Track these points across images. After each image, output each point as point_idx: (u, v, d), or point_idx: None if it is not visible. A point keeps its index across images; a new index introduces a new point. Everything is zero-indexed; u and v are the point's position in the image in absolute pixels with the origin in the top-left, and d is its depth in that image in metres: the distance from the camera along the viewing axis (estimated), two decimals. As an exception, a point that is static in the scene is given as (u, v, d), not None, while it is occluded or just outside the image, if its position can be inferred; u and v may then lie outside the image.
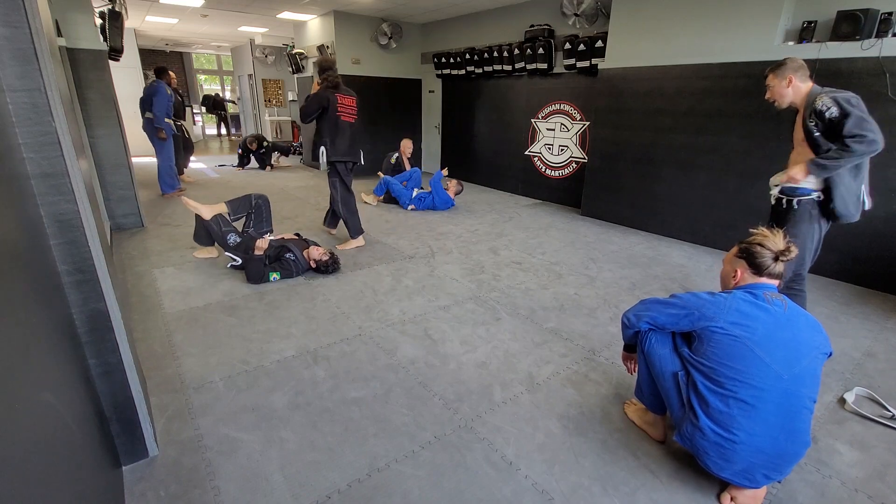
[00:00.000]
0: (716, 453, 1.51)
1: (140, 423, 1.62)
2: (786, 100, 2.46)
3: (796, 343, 1.47)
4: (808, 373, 1.47)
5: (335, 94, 3.91)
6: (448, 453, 1.77)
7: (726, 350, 1.48)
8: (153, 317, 2.80)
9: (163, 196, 5.94)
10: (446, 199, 5.69)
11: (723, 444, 1.48)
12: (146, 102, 5.66)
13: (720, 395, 1.49)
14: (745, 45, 3.88)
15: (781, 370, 1.44)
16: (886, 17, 3.20)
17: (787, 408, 1.45)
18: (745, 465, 1.49)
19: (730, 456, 1.49)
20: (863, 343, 2.70)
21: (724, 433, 1.48)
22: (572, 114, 5.85)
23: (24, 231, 1.07)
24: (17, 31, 1.15)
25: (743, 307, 1.51)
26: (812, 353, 1.48)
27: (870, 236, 3.47)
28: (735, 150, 4.09)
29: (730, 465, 1.50)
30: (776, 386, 1.44)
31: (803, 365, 1.46)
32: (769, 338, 1.46)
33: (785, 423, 1.45)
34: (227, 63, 14.58)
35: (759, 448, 1.46)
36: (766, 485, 1.55)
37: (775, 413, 1.45)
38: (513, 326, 2.79)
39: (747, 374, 1.45)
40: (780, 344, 1.46)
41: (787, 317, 1.50)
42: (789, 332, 1.48)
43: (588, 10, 5.15)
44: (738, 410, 1.46)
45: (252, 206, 3.69)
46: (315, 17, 7.56)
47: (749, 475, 1.50)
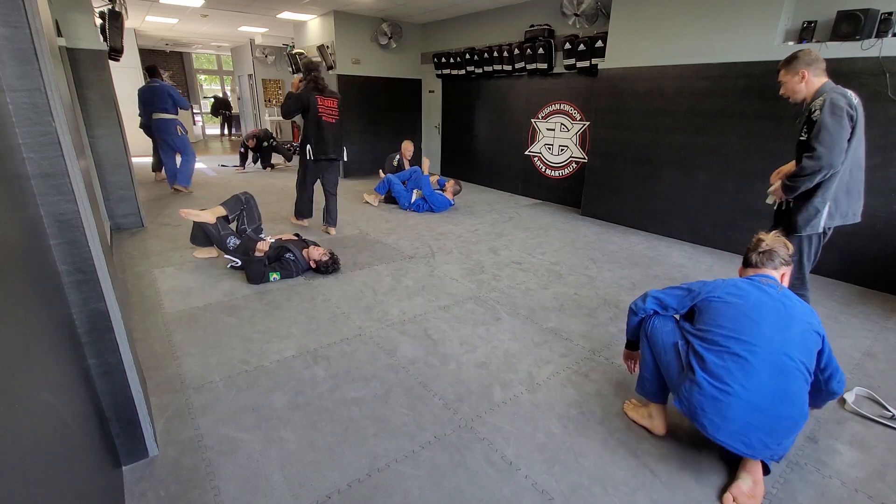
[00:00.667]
0: (712, 409, 1.54)
1: (140, 423, 1.62)
2: (800, 95, 2.36)
3: (787, 314, 1.58)
4: (799, 340, 1.56)
5: (316, 96, 4.15)
6: (448, 453, 1.77)
7: (722, 313, 1.63)
8: (153, 317, 2.80)
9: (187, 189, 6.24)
10: (443, 202, 5.67)
11: (718, 396, 1.54)
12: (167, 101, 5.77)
13: (716, 352, 1.59)
14: (745, 45, 3.88)
15: (772, 333, 1.55)
16: (886, 17, 3.20)
17: (780, 367, 1.52)
18: (742, 425, 1.52)
19: (726, 411, 1.53)
20: (863, 343, 2.70)
21: (718, 384, 1.54)
22: (572, 114, 5.85)
23: (24, 231, 1.07)
24: (17, 31, 1.15)
25: (739, 283, 1.69)
26: (803, 325, 1.58)
27: (870, 236, 3.47)
28: (735, 150, 4.09)
29: (726, 423, 1.53)
30: (767, 346, 1.53)
31: (794, 331, 1.56)
32: (761, 306, 1.60)
33: (779, 382, 1.51)
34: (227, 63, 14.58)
35: (754, 404, 1.51)
36: (763, 457, 1.56)
37: (768, 371, 1.52)
38: (513, 326, 2.79)
39: (740, 331, 1.57)
40: (771, 311, 1.58)
41: (779, 296, 1.63)
42: (780, 305, 1.60)
43: (588, 10, 5.15)
44: (732, 363, 1.54)
45: (243, 203, 3.74)
46: (315, 17, 7.56)
47: (745, 438, 1.53)
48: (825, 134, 2.11)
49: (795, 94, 2.37)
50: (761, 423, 1.51)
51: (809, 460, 1.78)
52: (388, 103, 8.04)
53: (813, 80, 2.30)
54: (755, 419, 1.51)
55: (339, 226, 4.87)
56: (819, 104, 2.17)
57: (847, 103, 2.13)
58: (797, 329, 1.56)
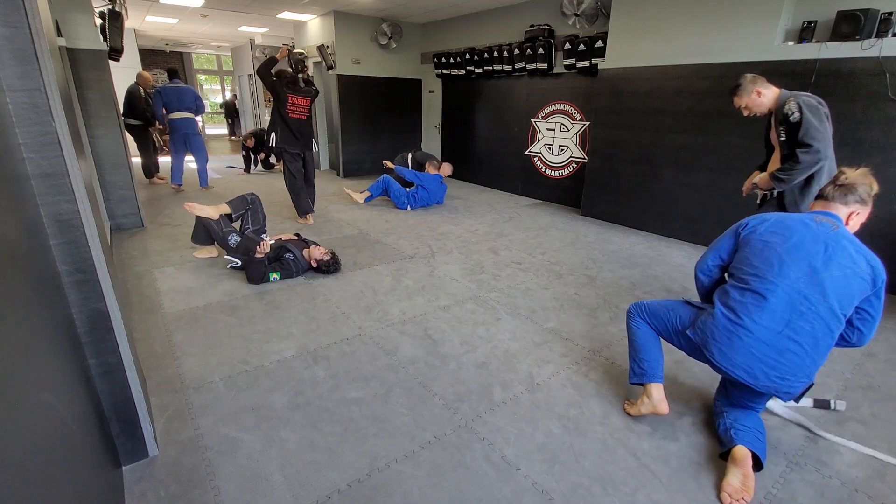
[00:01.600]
0: (722, 338, 1.66)
1: (140, 423, 1.62)
2: (763, 108, 2.60)
3: (827, 255, 1.58)
4: (834, 284, 1.55)
5: (287, 94, 4.43)
6: (448, 453, 1.77)
7: (756, 252, 1.68)
8: (153, 317, 2.80)
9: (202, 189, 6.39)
10: (434, 183, 5.69)
11: (730, 327, 1.65)
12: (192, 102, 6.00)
13: (739, 289, 1.68)
14: (745, 45, 3.88)
15: (800, 274, 1.59)
16: (886, 17, 3.20)
17: (797, 308, 1.58)
18: (747, 357, 1.63)
19: (734, 342, 1.64)
20: (863, 343, 2.70)
21: (732, 317, 1.65)
22: (572, 114, 5.85)
23: (24, 231, 1.07)
24: (17, 31, 1.15)
25: (788, 220, 1.69)
26: (844, 270, 1.56)
27: (870, 236, 3.46)
28: (735, 150, 4.09)
29: (732, 352, 1.65)
30: (789, 286, 1.59)
31: (830, 274, 1.56)
32: (798, 247, 1.61)
33: (792, 321, 1.58)
34: (227, 63, 14.58)
35: (762, 338, 1.61)
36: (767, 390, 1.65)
37: (783, 309, 1.59)
38: (513, 326, 2.79)
39: (766, 270, 1.63)
40: (809, 252, 1.60)
41: (828, 236, 1.61)
42: (823, 246, 1.59)
43: (588, 10, 5.15)
44: (751, 299, 1.64)
45: (248, 203, 3.74)
46: (315, 17, 7.56)
47: (749, 369, 1.63)
48: (814, 130, 2.35)
49: (760, 107, 2.60)
50: (766, 357, 1.61)
51: (809, 460, 1.78)
52: (388, 103, 8.03)
53: (767, 91, 2.56)
54: (760, 352, 1.61)
55: (338, 225, 4.88)
56: (793, 107, 2.39)
57: (817, 102, 2.42)
58: (835, 273, 1.55)
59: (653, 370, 1.91)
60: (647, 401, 1.91)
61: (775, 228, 1.69)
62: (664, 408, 1.89)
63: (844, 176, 1.71)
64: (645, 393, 1.93)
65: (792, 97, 2.45)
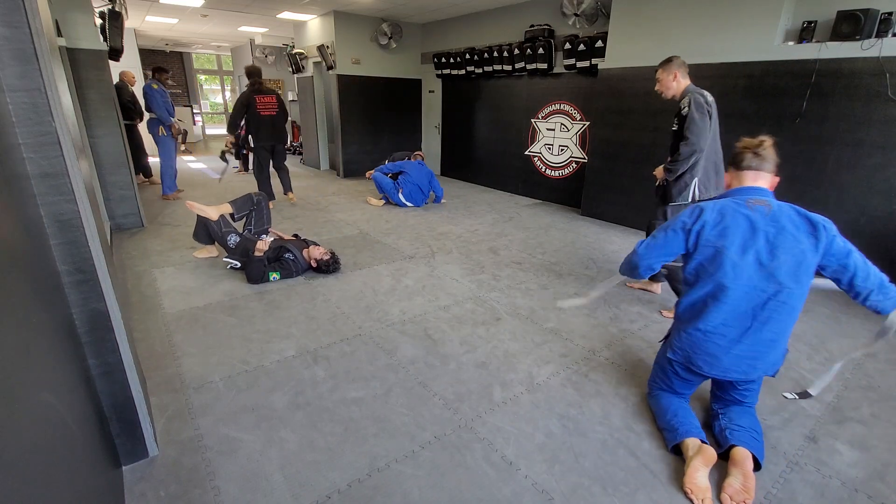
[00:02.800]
0: (701, 350, 1.74)
1: (140, 423, 1.62)
2: (671, 92, 2.87)
3: (772, 247, 1.62)
4: (786, 270, 1.61)
5: (254, 96, 5.17)
6: (448, 453, 1.77)
7: (710, 259, 1.69)
8: (153, 317, 2.80)
9: (161, 197, 5.87)
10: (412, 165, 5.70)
11: (703, 338, 1.72)
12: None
13: (700, 298, 1.73)
14: (745, 45, 3.88)
15: (751, 272, 1.63)
16: (886, 17, 3.20)
17: (758, 300, 1.64)
18: (731, 359, 1.70)
19: (714, 350, 1.71)
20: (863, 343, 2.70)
21: (701, 326, 1.72)
22: (572, 114, 5.85)
23: (24, 231, 1.07)
24: (17, 31, 1.15)
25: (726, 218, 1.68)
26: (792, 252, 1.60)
27: (870, 236, 3.47)
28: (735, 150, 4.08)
29: (717, 360, 1.72)
30: (746, 284, 1.64)
31: (779, 263, 1.61)
32: (744, 247, 1.64)
33: (757, 314, 1.65)
34: (227, 63, 14.58)
35: (736, 339, 1.68)
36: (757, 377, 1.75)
37: (745, 307, 1.65)
38: (513, 326, 2.79)
39: (723, 276, 1.66)
40: (757, 250, 1.63)
41: (768, 221, 1.64)
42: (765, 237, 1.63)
43: (588, 10, 5.15)
44: (712, 306, 1.69)
45: (254, 203, 3.74)
46: (315, 17, 7.56)
47: (737, 367, 1.71)
48: (694, 126, 2.67)
49: (668, 90, 2.87)
50: (748, 351, 1.68)
51: (809, 460, 1.78)
52: (388, 103, 8.03)
53: (682, 80, 2.84)
54: (741, 350, 1.69)
55: (338, 225, 4.89)
56: (686, 102, 2.72)
57: (705, 101, 2.71)
58: (783, 259, 1.60)
59: (684, 426, 1.77)
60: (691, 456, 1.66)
61: (719, 230, 1.67)
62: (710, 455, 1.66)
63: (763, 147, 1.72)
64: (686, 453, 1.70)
65: (689, 93, 2.73)
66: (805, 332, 2.79)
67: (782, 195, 3.92)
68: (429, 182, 5.85)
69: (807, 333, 2.78)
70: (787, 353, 1.79)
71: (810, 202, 3.71)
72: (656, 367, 2.03)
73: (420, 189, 5.75)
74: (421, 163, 5.96)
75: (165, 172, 5.75)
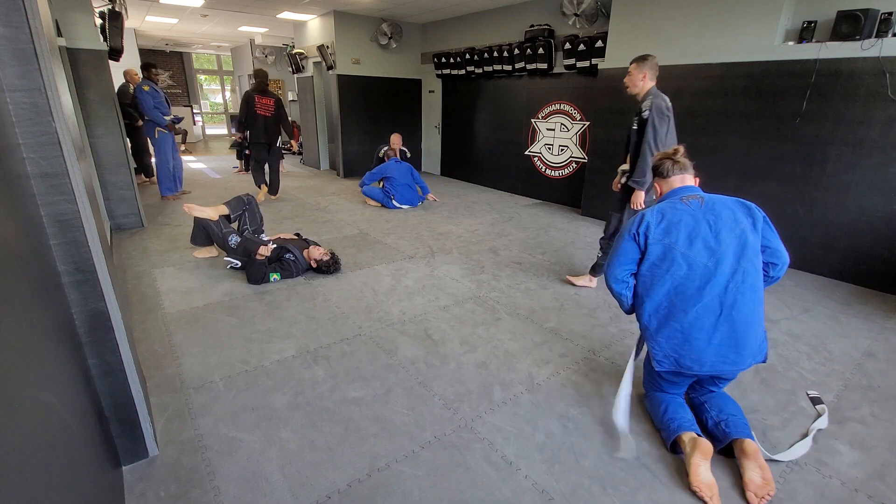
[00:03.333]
0: (684, 350, 1.70)
1: (140, 423, 1.62)
2: (636, 89, 2.96)
3: (715, 231, 1.70)
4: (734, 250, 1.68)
5: (255, 95, 5.50)
6: (448, 453, 1.77)
7: (661, 257, 1.73)
8: (153, 317, 2.80)
9: (161, 198, 5.85)
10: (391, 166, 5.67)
11: (680, 338, 1.70)
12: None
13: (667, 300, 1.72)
14: (745, 45, 3.88)
15: (704, 259, 1.67)
16: (886, 17, 3.20)
17: (720, 286, 1.66)
18: (715, 350, 1.67)
19: (697, 346, 1.68)
20: (863, 343, 2.70)
21: (677, 327, 1.70)
22: (572, 114, 5.85)
23: (24, 231, 1.07)
24: (17, 31, 1.15)
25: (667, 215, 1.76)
26: (734, 232, 1.69)
27: (870, 236, 3.47)
28: (735, 150, 4.09)
29: (702, 355, 1.68)
30: (703, 273, 1.67)
31: (726, 244, 1.68)
32: (692, 236, 1.70)
33: (724, 299, 1.66)
34: (227, 63, 14.57)
35: (711, 328, 1.67)
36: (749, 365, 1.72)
37: (709, 295, 1.66)
38: (513, 326, 2.79)
39: (677, 271, 1.70)
40: (703, 237, 1.69)
41: (706, 210, 1.74)
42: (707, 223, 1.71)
43: (588, 10, 5.15)
44: (679, 303, 1.70)
45: (245, 203, 3.77)
46: (315, 17, 7.56)
47: (726, 359, 1.68)
48: (652, 130, 2.81)
49: (634, 87, 2.96)
50: (726, 340, 1.67)
51: (809, 460, 1.78)
52: (388, 103, 8.03)
53: (649, 81, 2.93)
54: (719, 339, 1.67)
55: (338, 225, 4.89)
56: (647, 105, 2.83)
57: (666, 107, 2.84)
58: (727, 240, 1.68)
59: (676, 422, 1.78)
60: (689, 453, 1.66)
61: (664, 228, 1.74)
62: (707, 447, 1.66)
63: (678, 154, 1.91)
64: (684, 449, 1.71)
65: (651, 96, 2.85)
66: (805, 333, 2.79)
67: (782, 195, 3.93)
68: (412, 176, 5.82)
69: (806, 333, 2.78)
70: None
71: (810, 202, 3.71)
72: (646, 373, 2.03)
73: (409, 187, 5.74)
74: (397, 160, 5.89)
75: (163, 173, 5.70)
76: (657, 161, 1.95)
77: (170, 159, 5.70)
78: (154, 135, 5.56)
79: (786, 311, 3.08)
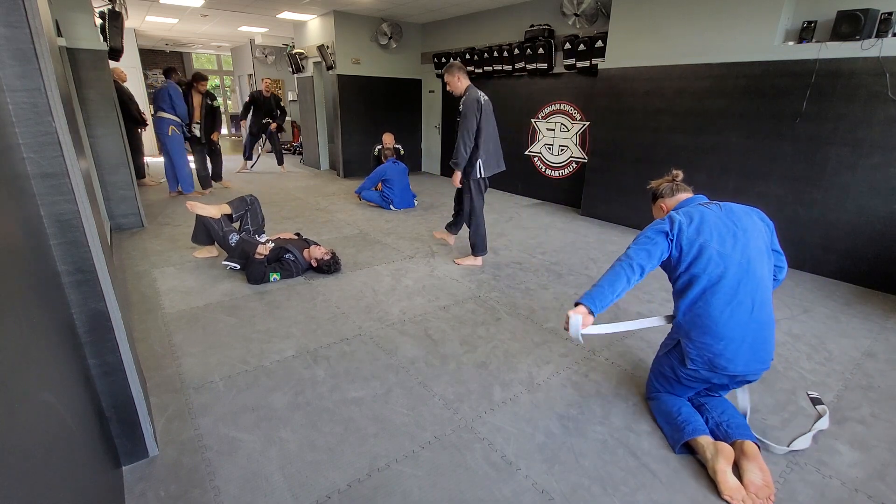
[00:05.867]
0: (721, 348, 1.69)
1: (140, 423, 1.62)
2: (458, 91, 3.45)
3: (743, 228, 1.74)
4: (755, 244, 1.73)
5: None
6: (448, 453, 1.77)
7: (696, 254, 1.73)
8: (153, 317, 2.80)
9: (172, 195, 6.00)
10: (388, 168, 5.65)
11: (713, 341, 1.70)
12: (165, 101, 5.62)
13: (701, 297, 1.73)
14: (745, 45, 3.88)
15: (735, 253, 1.70)
16: (886, 17, 3.20)
17: (749, 282, 1.68)
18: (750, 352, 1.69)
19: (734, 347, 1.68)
20: (863, 343, 2.70)
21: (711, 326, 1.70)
22: (572, 114, 5.85)
23: (24, 231, 1.07)
24: (17, 31, 1.15)
25: (693, 214, 1.78)
26: (756, 227, 1.76)
27: (870, 236, 3.47)
28: (735, 150, 4.09)
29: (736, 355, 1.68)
30: (736, 269, 1.69)
31: (750, 237, 1.73)
32: (723, 233, 1.73)
33: (755, 296, 1.68)
34: (227, 63, 14.57)
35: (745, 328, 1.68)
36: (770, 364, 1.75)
37: (743, 293, 1.68)
38: (513, 326, 2.79)
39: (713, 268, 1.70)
40: (731, 234, 1.73)
41: (724, 211, 1.78)
42: (730, 221, 1.75)
43: (588, 10, 5.15)
44: (713, 300, 1.70)
45: (248, 204, 3.78)
46: (315, 17, 7.56)
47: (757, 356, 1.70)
48: (464, 121, 3.33)
49: (455, 90, 3.46)
50: (758, 340, 1.70)
51: (809, 460, 1.78)
52: (388, 103, 8.03)
53: (463, 81, 3.44)
54: (752, 337, 1.69)
55: (338, 225, 4.89)
56: (463, 101, 3.34)
57: (476, 100, 3.30)
58: (755, 242, 1.73)
59: (691, 424, 1.76)
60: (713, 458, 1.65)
61: (695, 227, 1.75)
62: (729, 452, 1.65)
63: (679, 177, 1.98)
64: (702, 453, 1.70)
65: (468, 93, 3.35)
66: (805, 333, 2.79)
67: (782, 195, 3.92)
68: (407, 177, 5.83)
69: (807, 333, 2.78)
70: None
71: (810, 202, 3.71)
72: (657, 375, 2.00)
73: (406, 189, 5.76)
74: (394, 160, 5.88)
75: (181, 173, 5.85)
76: (658, 186, 2.01)
77: (184, 158, 5.81)
78: (167, 132, 5.59)
79: (786, 311, 3.08)
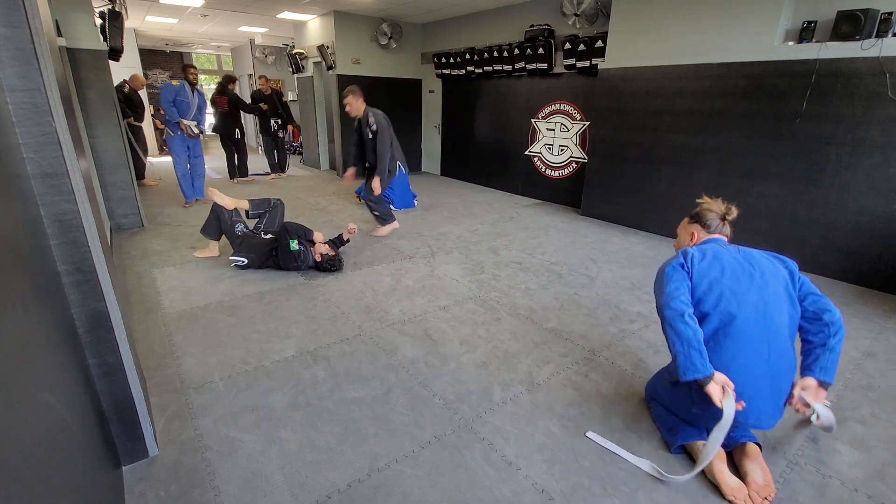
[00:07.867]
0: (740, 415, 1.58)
1: (140, 423, 1.62)
2: (358, 112, 4.20)
3: (761, 272, 1.66)
4: (774, 290, 1.65)
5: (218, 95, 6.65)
6: (448, 453, 1.77)
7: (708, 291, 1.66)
8: (153, 317, 2.80)
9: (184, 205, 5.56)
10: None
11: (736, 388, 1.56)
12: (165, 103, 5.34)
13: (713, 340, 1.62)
14: (744, 45, 3.88)
15: (752, 296, 1.62)
16: (886, 17, 3.20)
17: (765, 328, 1.60)
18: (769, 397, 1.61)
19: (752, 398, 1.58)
20: (863, 343, 2.70)
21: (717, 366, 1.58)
22: (572, 114, 5.85)
23: (24, 231, 1.07)
24: (17, 31, 1.15)
25: (707, 253, 1.72)
26: (775, 275, 1.67)
27: (870, 236, 3.47)
28: (735, 150, 4.09)
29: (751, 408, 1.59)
30: (750, 313, 1.61)
31: (767, 283, 1.65)
32: (737, 275, 1.66)
33: (771, 340, 1.60)
34: (227, 63, 14.57)
35: (761, 375, 1.60)
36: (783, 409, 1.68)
37: (758, 338, 1.59)
38: (513, 326, 2.79)
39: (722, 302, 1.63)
40: (747, 275, 1.66)
41: (742, 255, 1.72)
42: (750, 266, 1.68)
43: (588, 10, 5.15)
44: (722, 338, 1.62)
45: (270, 205, 3.83)
46: (315, 17, 7.56)
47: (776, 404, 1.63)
48: (385, 136, 4.17)
49: (355, 111, 4.19)
50: (775, 387, 1.62)
51: (809, 460, 1.78)
52: (388, 103, 7.95)
53: (362, 102, 4.19)
54: (766, 387, 1.61)
55: (338, 225, 4.90)
56: (374, 120, 4.15)
57: (384, 117, 4.19)
58: (774, 287, 1.65)
59: (689, 427, 1.76)
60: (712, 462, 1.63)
61: (707, 262, 1.69)
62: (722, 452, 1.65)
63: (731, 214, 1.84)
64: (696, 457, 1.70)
65: (371, 112, 4.16)
66: (805, 332, 2.79)
67: (782, 195, 3.92)
68: (407, 177, 5.76)
69: (807, 333, 2.78)
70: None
71: (810, 202, 3.71)
72: (661, 383, 1.94)
73: (406, 189, 5.75)
74: None
75: (180, 177, 5.43)
76: (707, 211, 1.86)
77: (182, 162, 5.40)
78: (171, 133, 5.29)
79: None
